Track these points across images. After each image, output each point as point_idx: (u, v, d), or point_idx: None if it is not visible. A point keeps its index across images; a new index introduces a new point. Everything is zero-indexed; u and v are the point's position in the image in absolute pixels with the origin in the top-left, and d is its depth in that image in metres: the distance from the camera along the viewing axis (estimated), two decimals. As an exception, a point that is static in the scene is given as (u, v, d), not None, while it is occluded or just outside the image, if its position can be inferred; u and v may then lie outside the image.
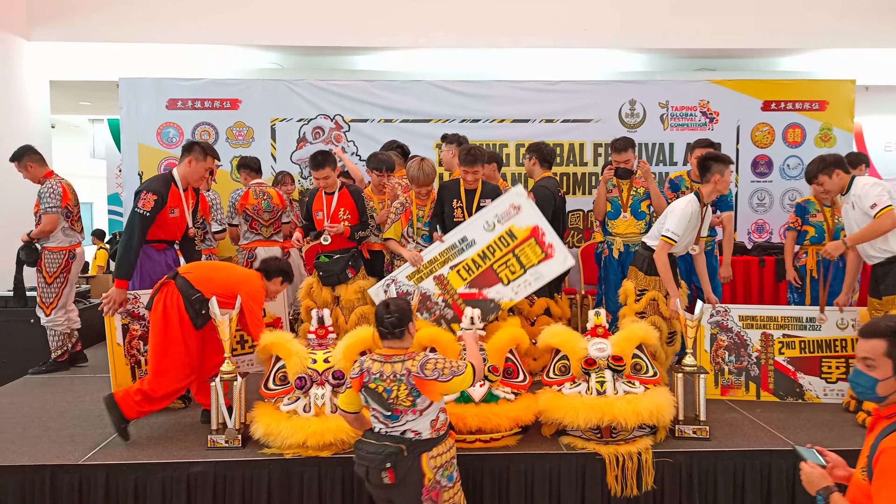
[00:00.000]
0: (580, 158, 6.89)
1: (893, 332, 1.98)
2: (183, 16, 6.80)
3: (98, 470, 3.36)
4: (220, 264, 4.27)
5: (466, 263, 4.16)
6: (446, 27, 6.88)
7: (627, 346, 3.72)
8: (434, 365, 2.75)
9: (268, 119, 6.82)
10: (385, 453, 2.70)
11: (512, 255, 4.15)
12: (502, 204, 4.18)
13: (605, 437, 3.52)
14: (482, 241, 4.16)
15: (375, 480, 2.74)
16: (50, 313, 5.18)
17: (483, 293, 4.16)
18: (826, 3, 7.07)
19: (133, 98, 6.73)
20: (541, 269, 4.13)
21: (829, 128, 7.01)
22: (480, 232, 4.18)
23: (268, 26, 6.92)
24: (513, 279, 4.15)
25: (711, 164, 4.21)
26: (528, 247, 4.15)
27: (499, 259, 4.15)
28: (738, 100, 6.96)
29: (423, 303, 4.18)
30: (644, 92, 6.93)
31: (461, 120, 6.82)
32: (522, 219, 4.16)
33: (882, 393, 1.98)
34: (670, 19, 7.03)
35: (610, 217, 5.14)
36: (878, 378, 1.98)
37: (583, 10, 6.94)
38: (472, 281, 4.15)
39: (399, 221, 4.52)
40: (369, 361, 2.82)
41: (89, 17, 6.75)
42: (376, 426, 2.83)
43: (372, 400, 2.77)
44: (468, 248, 4.17)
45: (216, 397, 3.59)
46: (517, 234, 4.16)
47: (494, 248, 4.16)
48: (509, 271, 4.16)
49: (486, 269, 4.15)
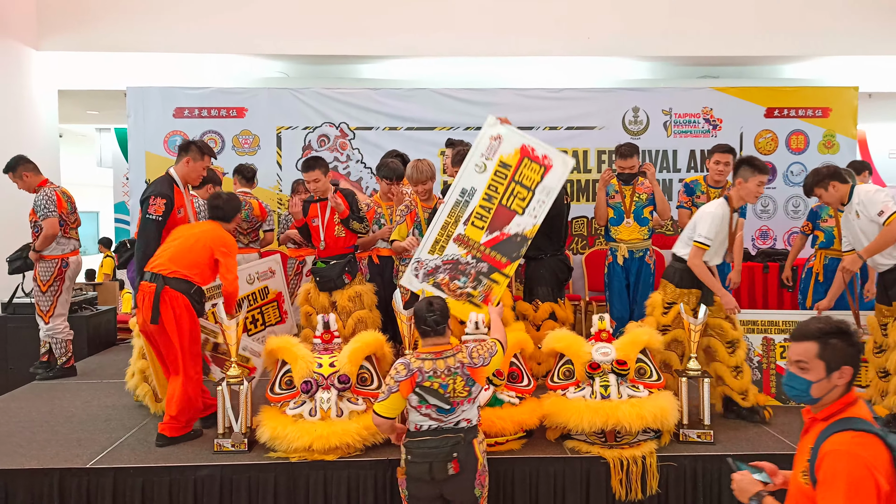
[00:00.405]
0: (584, 165, 6.92)
1: (824, 334, 1.99)
2: (190, 26, 6.87)
3: (106, 473, 3.39)
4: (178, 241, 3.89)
5: (476, 212, 3.99)
6: (451, 36, 6.92)
7: (631, 350, 3.73)
8: (478, 352, 2.94)
9: (274, 127, 6.87)
10: (450, 444, 2.82)
11: (514, 184, 3.97)
12: (482, 141, 4.02)
13: (609, 440, 3.54)
14: (481, 185, 3.99)
15: (440, 474, 2.80)
16: (48, 321, 5.21)
17: (504, 232, 3.98)
18: (829, 11, 7.10)
19: (140, 107, 6.79)
20: (546, 183, 3.95)
21: (832, 134, 7.02)
22: (475, 177, 4.01)
23: (274, 36, 6.98)
24: (526, 205, 3.98)
25: (741, 167, 4.10)
26: (525, 168, 3.97)
27: (504, 193, 3.97)
28: (741, 107, 6.98)
29: (454, 269, 3.99)
30: (647, 99, 6.96)
31: (465, 127, 6.85)
32: (507, 145, 3.99)
33: (816, 395, 1.99)
34: (673, 27, 7.06)
35: (613, 223, 5.13)
36: (812, 380, 1.98)
37: (586, 18, 6.98)
38: (490, 225, 3.98)
39: (405, 223, 4.56)
40: (418, 362, 2.88)
41: (98, 27, 6.82)
42: (425, 424, 2.88)
43: (430, 397, 2.83)
44: (471, 197, 4.00)
45: (223, 401, 3.62)
46: (509, 161, 3.98)
47: (495, 185, 3.98)
48: (519, 199, 3.97)
49: (498, 208, 3.97)
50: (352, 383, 3.64)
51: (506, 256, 3.95)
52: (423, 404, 2.84)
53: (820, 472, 1.87)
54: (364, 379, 3.74)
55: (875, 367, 4.15)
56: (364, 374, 3.75)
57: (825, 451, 1.88)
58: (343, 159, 6.87)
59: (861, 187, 4.02)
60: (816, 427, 2.00)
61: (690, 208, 5.13)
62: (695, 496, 3.52)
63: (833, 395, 1.98)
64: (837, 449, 1.86)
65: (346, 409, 3.57)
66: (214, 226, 4.03)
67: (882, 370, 4.11)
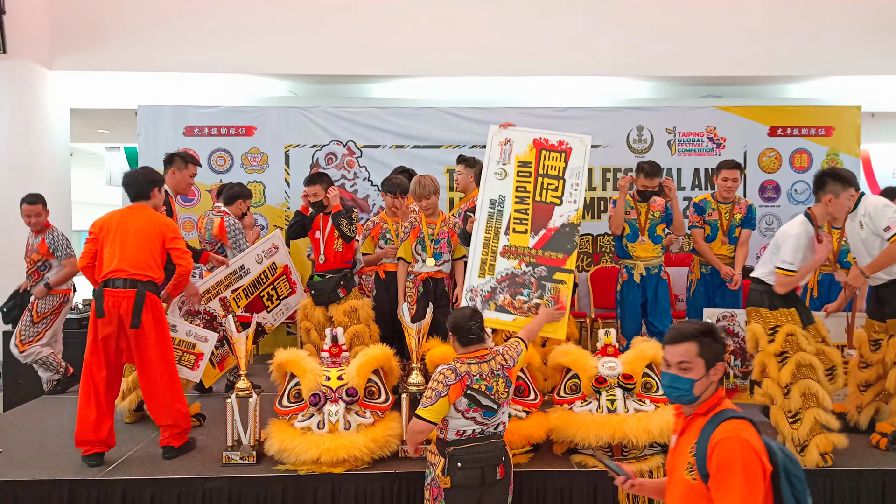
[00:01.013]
0: (589, 183, 6.97)
1: (700, 334, 2.11)
2: (200, 46, 6.96)
3: (115, 485, 3.43)
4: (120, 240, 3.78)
5: (514, 218, 3.85)
6: (457, 56, 7.01)
7: (638, 364, 3.76)
8: (508, 353, 3.09)
9: (282, 145, 6.95)
10: (499, 448, 2.96)
11: (541, 177, 3.86)
12: (493, 150, 3.96)
13: (616, 455, 3.55)
14: (508, 191, 3.88)
15: (491, 479, 2.89)
16: (25, 350, 5.22)
17: (550, 228, 3.85)
18: (831, 31, 7.16)
19: (151, 125, 6.89)
20: (573, 166, 3.86)
21: (835, 153, 7.07)
22: (499, 185, 3.92)
23: (282, 56, 7.06)
24: (561, 194, 3.86)
25: (827, 181, 3.77)
26: (546, 159, 3.88)
27: (535, 190, 3.86)
28: (744, 126, 7.04)
29: (513, 285, 3.84)
30: (651, 118, 7.03)
31: (471, 145, 6.92)
32: (519, 145, 3.94)
33: (698, 393, 2.09)
34: (676, 48, 7.13)
35: (628, 239, 5.09)
36: (695, 378, 2.09)
37: (590, 39, 7.06)
38: (533, 226, 3.85)
39: (408, 240, 4.61)
40: (464, 366, 2.94)
41: (110, 47, 6.92)
42: (469, 429, 2.92)
43: (481, 398, 2.90)
44: (502, 206, 3.89)
45: (231, 414, 3.65)
46: (526, 158, 3.90)
47: (522, 185, 3.87)
48: (552, 191, 3.86)
49: (534, 206, 3.85)
50: (360, 396, 3.67)
51: (561, 252, 3.84)
52: (472, 407, 2.90)
53: (713, 460, 1.96)
54: (372, 392, 3.77)
55: (856, 381, 4.16)
56: (372, 388, 3.78)
57: (716, 441, 1.97)
58: (350, 177, 6.94)
59: (870, 198, 3.84)
60: (697, 423, 2.09)
61: (703, 227, 5.25)
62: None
63: (709, 391, 2.10)
64: (729, 436, 1.96)
65: (353, 422, 3.60)
66: (145, 211, 3.92)
67: (864, 384, 4.13)
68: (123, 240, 3.75)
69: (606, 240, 6.98)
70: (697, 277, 5.33)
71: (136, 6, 6.93)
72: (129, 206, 3.97)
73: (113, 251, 3.74)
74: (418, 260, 4.61)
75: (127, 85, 7.48)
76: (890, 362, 3.92)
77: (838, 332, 4.30)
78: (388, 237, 4.93)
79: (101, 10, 6.92)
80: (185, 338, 4.19)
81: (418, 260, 4.61)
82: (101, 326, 3.66)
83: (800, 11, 7.15)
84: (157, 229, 3.84)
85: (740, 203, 5.28)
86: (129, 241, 3.76)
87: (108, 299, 3.66)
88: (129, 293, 3.65)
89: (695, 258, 5.38)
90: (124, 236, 3.76)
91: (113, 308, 3.65)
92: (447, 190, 6.85)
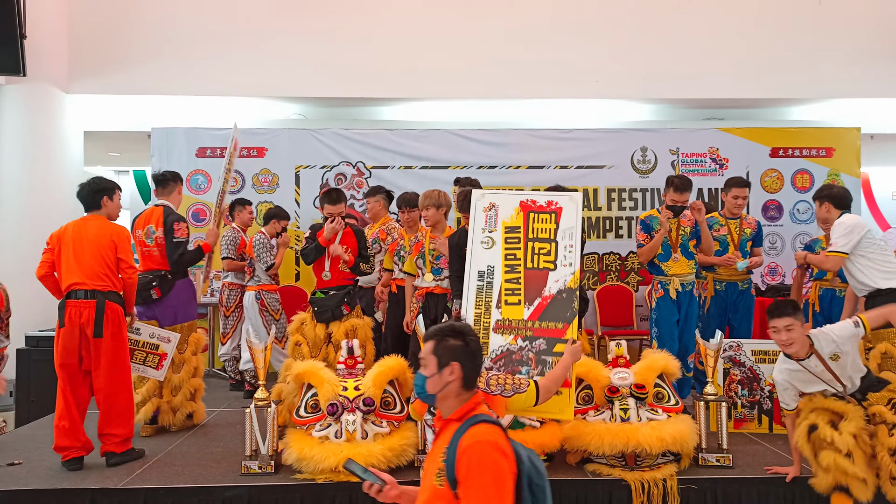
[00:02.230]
0: (594, 203, 7.08)
1: (441, 333, 2.12)
2: (213, 70, 7.12)
3: (136, 494, 3.46)
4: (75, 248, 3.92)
5: (505, 289, 3.57)
6: (464, 79, 7.17)
7: (649, 374, 3.82)
8: (497, 380, 2.96)
9: (292, 166, 7.08)
10: None
11: (531, 242, 3.61)
12: (477, 217, 3.69)
13: (629, 464, 3.59)
14: (496, 260, 3.61)
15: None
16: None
17: (546, 296, 3.55)
18: (831, 56, 7.32)
19: (164, 147, 7.03)
20: (564, 226, 3.60)
21: (836, 173, 7.19)
22: (486, 255, 3.63)
23: (293, 79, 7.21)
24: (555, 258, 3.58)
25: None
26: (535, 222, 3.63)
27: (525, 257, 3.60)
28: (746, 147, 7.18)
29: (509, 363, 3.50)
30: (655, 139, 7.17)
31: (478, 166, 7.06)
32: (505, 209, 3.66)
33: (431, 390, 2.07)
34: (679, 71, 7.30)
35: (661, 259, 4.98)
36: (427, 375, 2.08)
37: (595, 62, 7.23)
38: (526, 296, 3.56)
39: (411, 255, 4.75)
40: None
41: (126, 71, 7.08)
42: None
43: None
44: (491, 277, 3.60)
45: (250, 423, 3.70)
46: (513, 223, 3.64)
47: (511, 253, 3.61)
48: (544, 256, 3.59)
49: (526, 275, 3.57)
50: (376, 406, 3.73)
51: (560, 321, 3.49)
52: None
53: (461, 465, 1.90)
54: (387, 403, 3.82)
55: None
56: (387, 398, 3.83)
57: (465, 445, 1.92)
58: (360, 197, 7.04)
59: (844, 216, 4.26)
60: (450, 428, 2.04)
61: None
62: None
63: (450, 391, 2.06)
64: (478, 440, 1.92)
65: (370, 432, 3.65)
66: (97, 221, 4.05)
67: None
68: (79, 251, 3.92)
69: (612, 258, 7.07)
70: (711, 295, 5.32)
71: (151, 32, 7.11)
72: (83, 217, 4.12)
73: (69, 263, 3.90)
74: (420, 274, 4.69)
75: (140, 108, 7.63)
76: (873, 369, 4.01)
77: None
78: (402, 254, 5.00)
79: (118, 35, 7.10)
80: (149, 339, 4.42)
81: (420, 274, 4.69)
82: (64, 336, 3.83)
83: (800, 37, 7.34)
84: (109, 239, 3.98)
85: (748, 219, 5.37)
86: (84, 252, 3.92)
87: (71, 310, 3.83)
88: (89, 304, 3.83)
89: (708, 276, 5.36)
90: (79, 248, 3.92)
91: (75, 318, 3.82)
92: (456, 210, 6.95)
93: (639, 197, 7.13)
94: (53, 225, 6.62)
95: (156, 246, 4.61)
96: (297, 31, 7.15)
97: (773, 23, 7.33)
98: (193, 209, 7.00)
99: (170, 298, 4.60)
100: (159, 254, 4.61)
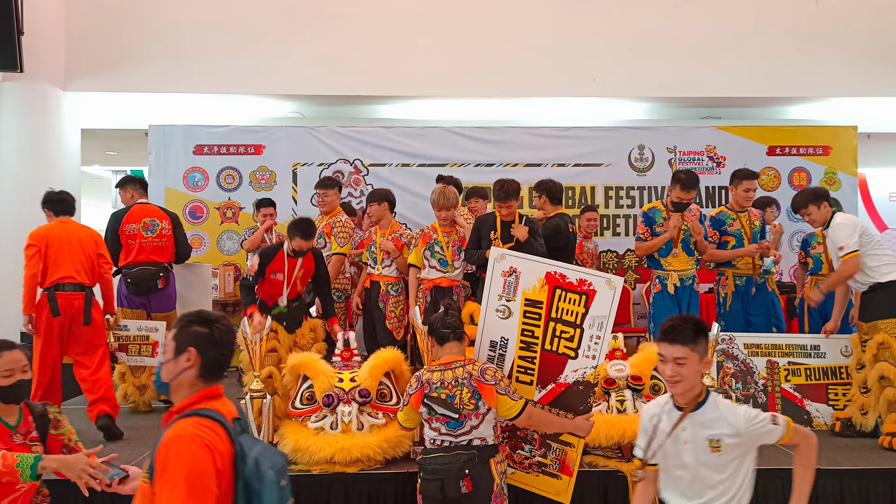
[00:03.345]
0: (591, 201, 7.09)
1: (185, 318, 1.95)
2: (211, 68, 7.12)
3: (130, 484, 3.43)
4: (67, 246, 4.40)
5: (518, 366, 3.24)
6: (462, 77, 7.18)
7: (646, 366, 3.81)
8: (493, 373, 2.93)
9: (290, 164, 7.09)
10: (462, 461, 2.79)
11: (553, 322, 3.18)
12: (495, 280, 3.26)
13: (625, 455, 3.58)
14: (512, 333, 3.24)
15: (452, 492, 2.76)
16: None
17: (560, 383, 3.21)
18: (828, 55, 7.33)
19: (162, 144, 7.04)
20: (594, 313, 3.15)
21: (833, 172, 7.22)
22: (501, 324, 3.25)
23: (291, 77, 7.20)
24: (577, 346, 3.17)
25: None
26: (561, 301, 3.17)
27: (545, 337, 3.20)
28: (743, 145, 7.21)
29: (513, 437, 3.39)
30: (652, 137, 7.19)
31: (476, 164, 7.07)
32: (528, 277, 3.22)
33: (165, 378, 1.89)
34: (676, 70, 7.31)
35: (661, 254, 4.97)
36: (163, 361, 1.91)
37: (593, 61, 7.24)
38: (539, 378, 3.23)
39: (418, 246, 4.76)
40: (427, 374, 2.97)
41: (123, 68, 7.07)
42: (438, 440, 2.91)
43: (438, 408, 2.87)
44: (504, 350, 3.26)
45: (245, 415, 3.68)
46: (536, 297, 3.20)
47: (529, 329, 3.21)
48: (566, 341, 3.18)
49: (543, 356, 3.21)
50: (372, 398, 3.72)
51: (572, 412, 3.20)
52: (433, 416, 2.90)
53: (159, 458, 1.72)
54: (383, 395, 3.81)
55: (857, 384, 4.30)
56: (383, 390, 3.82)
57: (166, 438, 1.74)
58: (357, 194, 7.05)
59: (838, 215, 4.26)
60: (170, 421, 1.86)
61: (718, 240, 5.18)
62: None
63: (184, 379, 1.87)
64: (179, 434, 1.73)
65: (366, 423, 3.64)
66: (76, 223, 4.59)
67: (863, 386, 4.25)
68: (69, 249, 4.41)
69: (609, 256, 7.08)
70: (732, 290, 5.22)
71: (149, 29, 7.11)
72: (63, 220, 4.56)
73: (57, 259, 4.37)
74: (426, 265, 4.72)
75: (138, 105, 7.62)
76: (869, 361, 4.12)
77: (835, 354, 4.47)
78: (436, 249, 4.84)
79: (115, 32, 7.09)
80: (138, 332, 4.80)
81: (426, 265, 4.72)
82: (55, 324, 4.31)
83: (797, 36, 7.35)
84: (92, 239, 4.55)
85: (753, 211, 5.31)
86: (74, 250, 4.42)
87: (61, 300, 4.31)
88: (78, 295, 4.36)
89: (727, 272, 5.26)
90: (68, 246, 4.41)
91: (66, 308, 4.31)
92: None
93: (636, 195, 7.15)
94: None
95: (158, 237, 5.04)
96: (295, 29, 7.15)
97: (770, 22, 7.35)
98: (190, 206, 7.00)
99: (168, 287, 5.07)
100: (163, 245, 5.07)
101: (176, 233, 5.16)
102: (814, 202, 4.34)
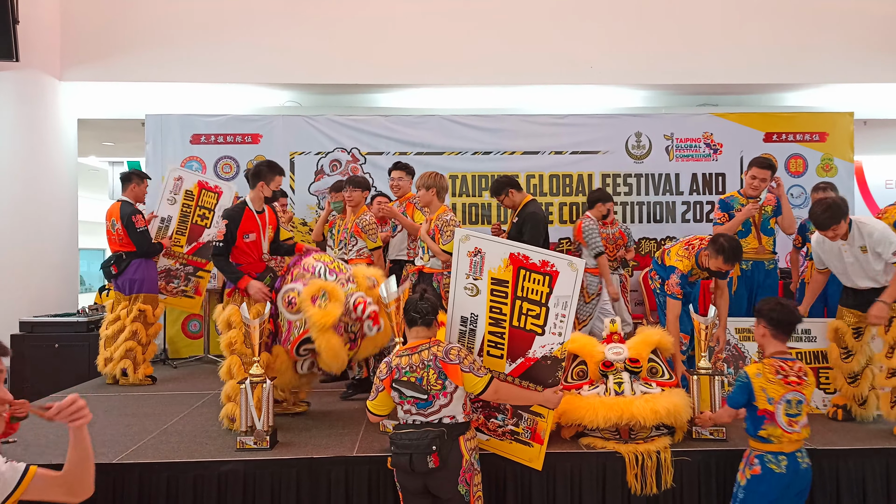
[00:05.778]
0: (589, 188, 7.09)
1: None
2: (208, 57, 7.10)
3: (132, 469, 3.47)
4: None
5: (489, 340, 3.39)
6: (459, 65, 7.17)
7: (643, 349, 3.84)
8: (457, 353, 3.00)
9: (287, 152, 7.08)
10: (429, 437, 2.87)
11: (519, 301, 3.33)
12: (461, 261, 3.39)
13: (623, 436, 3.61)
14: (481, 309, 3.37)
15: (420, 466, 2.86)
16: None
17: (529, 357, 3.36)
18: (825, 41, 7.33)
19: (159, 133, 7.02)
20: (558, 294, 3.29)
21: (829, 158, 7.23)
22: (470, 302, 3.38)
23: (287, 66, 7.19)
24: (544, 323, 3.32)
25: None
26: (526, 281, 3.32)
27: (512, 314, 3.35)
28: (740, 132, 7.20)
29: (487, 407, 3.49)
30: (649, 125, 7.19)
31: (473, 152, 7.08)
32: (492, 258, 3.35)
33: None
34: (673, 57, 7.30)
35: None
36: None
37: (590, 49, 7.24)
38: (509, 352, 3.37)
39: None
40: (396, 359, 3.01)
41: (120, 58, 7.05)
42: (410, 419, 2.98)
43: (407, 390, 2.94)
44: (475, 325, 3.39)
45: (245, 400, 3.71)
46: (501, 276, 3.33)
47: (497, 306, 3.35)
48: (532, 318, 3.33)
49: (511, 332, 3.35)
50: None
51: (541, 385, 3.35)
52: (403, 399, 2.96)
53: None
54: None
55: (844, 373, 4.26)
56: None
57: None
58: (354, 184, 7.04)
59: (865, 222, 3.98)
60: None
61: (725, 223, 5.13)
62: (708, 490, 3.58)
63: None
64: None
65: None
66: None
67: (851, 375, 4.23)
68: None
69: (608, 244, 7.07)
70: (738, 275, 5.22)
71: (145, 18, 7.09)
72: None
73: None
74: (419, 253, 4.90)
75: (135, 95, 7.61)
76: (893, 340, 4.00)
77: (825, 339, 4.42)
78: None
79: (111, 22, 7.08)
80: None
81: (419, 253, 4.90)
82: None
83: (793, 22, 7.35)
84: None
85: (767, 197, 5.23)
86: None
87: None
88: None
89: None
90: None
91: None
92: (451, 196, 6.97)
93: (633, 182, 7.16)
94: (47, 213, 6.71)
95: (117, 235, 5.68)
96: (292, 18, 7.14)
97: (767, 8, 7.34)
98: (188, 196, 6.98)
99: (126, 273, 5.61)
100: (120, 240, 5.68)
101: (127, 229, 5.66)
102: (844, 218, 3.95)
